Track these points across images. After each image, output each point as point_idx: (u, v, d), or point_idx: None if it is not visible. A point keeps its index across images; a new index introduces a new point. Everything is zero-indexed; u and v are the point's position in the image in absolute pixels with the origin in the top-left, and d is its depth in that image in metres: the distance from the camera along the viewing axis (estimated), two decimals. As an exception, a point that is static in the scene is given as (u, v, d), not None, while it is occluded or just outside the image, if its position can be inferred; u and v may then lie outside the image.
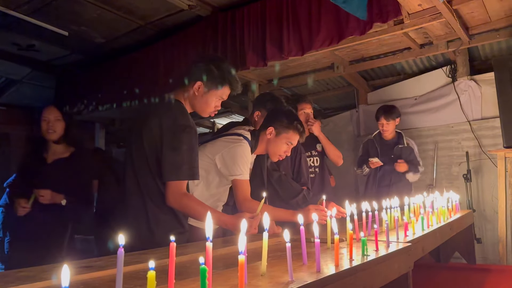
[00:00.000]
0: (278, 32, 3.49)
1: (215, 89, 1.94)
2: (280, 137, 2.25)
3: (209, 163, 2.14)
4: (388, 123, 3.85)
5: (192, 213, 1.83)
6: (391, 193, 3.73)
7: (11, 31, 4.24)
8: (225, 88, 1.97)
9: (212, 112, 2.00)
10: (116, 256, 1.34)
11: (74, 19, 4.07)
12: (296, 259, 1.22)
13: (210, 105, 1.97)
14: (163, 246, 1.60)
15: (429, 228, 2.11)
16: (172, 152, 1.78)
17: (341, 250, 1.41)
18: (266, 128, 2.26)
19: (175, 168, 1.77)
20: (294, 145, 2.32)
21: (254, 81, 5.06)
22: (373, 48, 4.16)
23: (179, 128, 1.80)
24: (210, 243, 0.84)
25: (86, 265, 1.24)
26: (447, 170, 4.34)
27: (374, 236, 1.49)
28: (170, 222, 1.84)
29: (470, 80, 4.23)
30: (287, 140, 2.25)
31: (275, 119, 2.28)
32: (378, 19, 3.07)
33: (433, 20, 3.15)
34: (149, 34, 4.40)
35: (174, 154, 1.78)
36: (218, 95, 1.96)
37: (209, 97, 1.94)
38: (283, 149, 2.28)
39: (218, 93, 1.96)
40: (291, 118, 2.28)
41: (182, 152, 1.77)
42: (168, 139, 1.79)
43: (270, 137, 2.25)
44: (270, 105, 2.75)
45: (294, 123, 2.26)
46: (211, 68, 1.93)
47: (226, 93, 2.00)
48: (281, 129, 2.25)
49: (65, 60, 5.22)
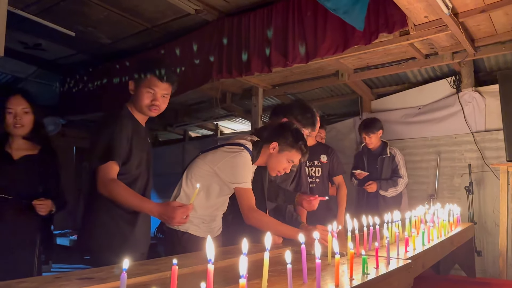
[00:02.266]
0: (284, 39, 3.50)
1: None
2: (282, 154, 2.22)
3: (210, 173, 2.13)
4: (369, 137, 3.90)
5: (120, 199, 1.84)
6: (380, 204, 3.76)
7: (18, 30, 4.28)
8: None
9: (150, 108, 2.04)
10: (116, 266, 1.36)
11: (81, 20, 4.10)
12: (296, 276, 1.22)
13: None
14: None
15: (430, 243, 2.11)
16: (92, 138, 1.94)
17: (341, 266, 1.42)
18: (270, 142, 2.24)
19: (95, 153, 1.86)
20: (295, 163, 2.30)
21: (259, 86, 5.08)
22: (378, 57, 4.17)
23: (103, 119, 1.99)
24: (211, 265, 0.85)
25: (88, 276, 1.25)
26: (449, 181, 4.33)
27: (374, 251, 1.49)
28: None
29: (475, 91, 4.22)
30: (289, 158, 2.23)
31: (280, 136, 2.24)
32: (384, 30, 3.08)
33: (439, 32, 3.16)
34: (155, 36, 4.43)
35: (92, 140, 1.92)
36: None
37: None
38: (283, 166, 2.25)
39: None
40: (297, 137, 2.24)
41: (100, 137, 1.89)
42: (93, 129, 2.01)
43: (273, 152, 2.22)
44: (298, 113, 2.81)
45: (299, 143, 2.22)
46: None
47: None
48: (284, 146, 2.22)
49: (71, 60, 5.25)
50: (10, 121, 2.23)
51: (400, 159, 3.91)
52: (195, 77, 4.10)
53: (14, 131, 2.24)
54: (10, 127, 2.24)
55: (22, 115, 2.25)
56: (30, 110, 2.27)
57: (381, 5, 3.03)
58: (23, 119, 2.25)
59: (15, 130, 2.24)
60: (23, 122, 2.25)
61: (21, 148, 2.29)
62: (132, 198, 1.85)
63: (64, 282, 1.17)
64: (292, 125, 2.31)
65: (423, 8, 2.81)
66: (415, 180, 4.51)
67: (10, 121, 2.23)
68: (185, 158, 6.70)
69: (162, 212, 1.79)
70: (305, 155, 2.28)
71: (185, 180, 2.16)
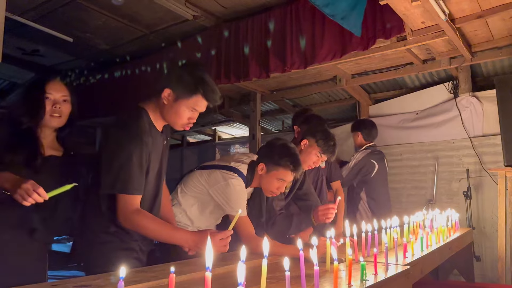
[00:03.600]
0: (282, 45, 3.51)
1: (186, 98, 1.71)
2: (271, 174, 2.17)
3: (205, 192, 2.12)
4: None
5: (146, 232, 1.67)
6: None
7: (16, 36, 4.28)
8: (198, 97, 1.73)
9: (185, 124, 1.78)
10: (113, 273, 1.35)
11: (79, 25, 4.10)
12: (295, 283, 1.21)
13: (181, 116, 1.74)
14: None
15: (428, 249, 2.11)
16: (107, 153, 1.67)
17: (340, 273, 1.41)
18: (258, 163, 2.20)
19: (112, 177, 1.63)
20: (288, 181, 2.24)
21: (256, 91, 5.09)
22: (376, 63, 4.18)
23: (120, 132, 1.68)
24: (209, 273, 0.84)
25: (85, 283, 1.24)
26: (447, 186, 4.33)
27: (373, 257, 1.49)
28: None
29: (472, 96, 4.24)
30: (278, 177, 2.17)
31: (265, 155, 2.20)
32: (381, 35, 3.09)
33: (436, 37, 3.17)
34: (153, 42, 4.43)
35: (108, 156, 1.66)
36: (189, 105, 1.73)
37: (179, 107, 1.72)
38: (275, 186, 2.19)
39: (190, 103, 1.72)
40: (282, 154, 2.17)
41: (118, 157, 1.63)
42: (107, 148, 1.68)
43: (262, 173, 2.18)
44: (304, 123, 2.87)
45: (284, 159, 2.15)
46: (181, 74, 1.73)
47: (200, 104, 1.75)
48: (270, 166, 2.17)
49: (69, 66, 5.24)
50: (48, 108, 1.82)
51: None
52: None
53: (50, 120, 1.83)
54: (46, 115, 1.82)
55: (61, 103, 1.86)
56: (69, 99, 1.90)
57: (378, 11, 3.04)
58: (62, 107, 1.86)
59: (51, 120, 1.84)
60: (62, 112, 1.86)
61: (49, 146, 1.88)
62: (161, 229, 1.68)
63: (61, 290, 1.16)
64: (277, 141, 2.24)
65: (420, 14, 2.83)
66: (413, 185, 4.51)
67: (48, 107, 1.82)
68: (184, 163, 6.69)
69: (198, 241, 1.64)
70: (296, 171, 2.19)
71: (180, 191, 2.17)
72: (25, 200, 1.49)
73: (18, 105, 1.82)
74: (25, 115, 1.77)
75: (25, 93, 1.86)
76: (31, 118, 1.78)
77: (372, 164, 3.79)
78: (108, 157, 1.66)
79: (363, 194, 3.78)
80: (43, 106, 1.80)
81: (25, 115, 1.77)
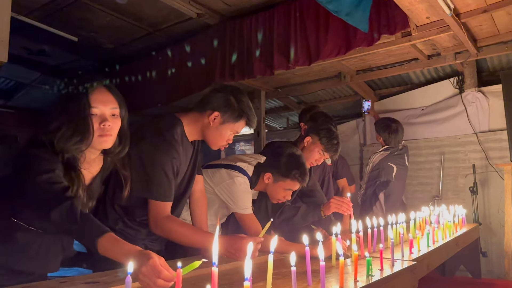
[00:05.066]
0: (286, 42, 3.51)
1: (232, 123, 1.82)
2: (278, 184, 2.18)
3: (210, 190, 2.13)
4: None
5: (177, 238, 1.68)
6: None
7: (22, 36, 4.30)
8: (242, 122, 1.85)
9: (223, 145, 1.88)
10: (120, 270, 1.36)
11: (84, 25, 4.12)
12: (301, 279, 1.22)
13: (223, 138, 1.85)
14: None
15: (435, 244, 2.11)
16: (144, 168, 1.66)
17: (345, 268, 1.42)
18: (265, 172, 2.20)
19: (144, 182, 1.66)
20: (295, 189, 2.25)
21: (261, 89, 5.09)
22: (381, 59, 4.17)
23: (153, 143, 1.69)
24: (215, 268, 0.85)
25: (92, 280, 1.25)
26: (453, 182, 4.31)
27: (379, 253, 1.49)
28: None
29: (478, 91, 4.21)
30: (285, 187, 2.18)
31: (273, 166, 2.19)
32: (386, 31, 3.08)
33: (441, 32, 3.15)
34: (158, 41, 4.44)
35: (144, 170, 1.66)
36: (233, 129, 1.85)
37: (223, 130, 1.82)
38: (281, 195, 2.21)
39: (234, 127, 1.84)
40: (290, 167, 2.16)
41: (151, 163, 1.66)
42: (140, 152, 1.67)
43: (268, 182, 2.19)
44: (311, 121, 2.87)
45: (292, 172, 2.15)
46: (230, 100, 1.81)
47: (241, 128, 1.88)
48: (278, 177, 2.17)
49: (75, 65, 5.27)
50: (95, 127, 1.38)
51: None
52: (198, 81, 4.11)
53: (98, 142, 1.40)
54: (92, 135, 1.37)
55: (111, 119, 1.42)
56: (119, 113, 1.46)
57: (383, 7, 3.03)
58: (113, 125, 1.43)
59: (101, 142, 1.41)
60: (112, 129, 1.43)
61: (92, 173, 1.53)
62: (192, 234, 1.70)
63: (69, 287, 1.18)
64: (285, 152, 2.22)
65: (425, 9, 2.81)
66: (419, 181, 4.50)
67: (95, 127, 1.38)
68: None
69: (229, 246, 1.65)
70: (304, 182, 2.20)
71: None
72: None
73: (54, 128, 1.34)
74: (67, 140, 1.33)
75: (63, 109, 1.37)
76: (74, 144, 1.35)
77: (390, 168, 3.69)
78: (141, 162, 1.67)
79: (382, 195, 3.67)
80: (90, 126, 1.36)
81: (67, 141, 1.34)
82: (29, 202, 1.31)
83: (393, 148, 3.73)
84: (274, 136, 6.55)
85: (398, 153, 3.77)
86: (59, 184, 1.26)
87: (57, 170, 1.30)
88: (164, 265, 1.02)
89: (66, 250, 1.56)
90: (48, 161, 1.30)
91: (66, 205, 1.18)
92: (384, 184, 3.64)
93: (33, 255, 1.42)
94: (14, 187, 1.38)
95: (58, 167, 1.31)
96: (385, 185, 3.64)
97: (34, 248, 1.42)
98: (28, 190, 1.28)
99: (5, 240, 1.38)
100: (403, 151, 3.83)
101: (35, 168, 1.27)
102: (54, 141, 1.33)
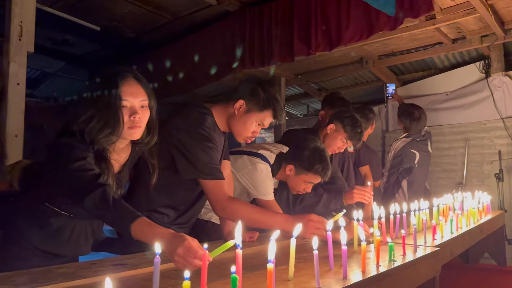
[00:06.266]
0: (306, 27, 3.47)
1: (257, 112, 1.79)
2: (299, 177, 2.19)
3: (233, 176, 2.14)
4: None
5: (244, 217, 1.53)
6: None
7: (46, 26, 4.39)
8: (267, 112, 1.81)
9: (249, 137, 1.85)
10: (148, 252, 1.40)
11: (106, 14, 4.17)
12: (322, 263, 1.23)
13: (248, 128, 1.81)
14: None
15: (458, 231, 2.09)
16: (191, 150, 1.68)
17: (367, 254, 1.42)
18: (287, 164, 2.21)
19: (210, 168, 1.67)
20: (316, 183, 2.25)
21: (281, 76, 5.06)
22: (404, 43, 4.09)
23: (194, 127, 1.71)
24: (240, 250, 0.87)
25: (120, 262, 1.30)
26: (478, 168, 4.23)
27: (401, 239, 1.49)
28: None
29: (505, 76, 4.09)
30: (306, 180, 2.20)
31: (296, 158, 2.20)
32: (409, 14, 3.00)
33: (466, 15, 3.08)
34: (178, 29, 4.46)
35: (193, 152, 1.68)
36: (258, 119, 1.81)
37: (248, 119, 1.80)
38: (302, 187, 2.22)
39: (260, 117, 1.81)
40: (313, 160, 2.16)
41: (201, 146, 1.69)
42: (182, 136, 1.69)
43: (290, 174, 2.21)
44: (329, 106, 2.86)
45: (315, 167, 2.16)
46: (257, 89, 1.80)
47: (267, 120, 1.83)
48: (300, 170, 2.18)
49: (98, 55, 5.36)
50: (125, 120, 1.40)
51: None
52: (218, 68, 4.12)
53: (128, 134, 1.43)
54: (122, 126, 1.39)
55: (140, 110, 1.44)
56: (148, 104, 1.47)
57: (406, -11, 2.96)
58: (142, 117, 1.44)
59: (130, 133, 1.43)
60: (142, 121, 1.45)
61: (120, 158, 1.55)
62: (258, 212, 1.71)
63: (99, 268, 1.23)
64: (309, 145, 2.21)
65: (450, -9, 2.74)
66: (443, 168, 4.43)
67: (125, 119, 1.40)
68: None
69: (295, 224, 1.61)
70: (326, 176, 2.21)
71: None
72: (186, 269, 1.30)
73: (85, 119, 1.37)
74: (98, 132, 1.36)
75: (94, 101, 1.39)
76: (105, 137, 1.38)
77: (413, 154, 3.62)
78: (186, 145, 1.68)
79: (405, 182, 3.63)
80: (121, 119, 1.38)
81: (97, 133, 1.37)
82: (63, 189, 1.36)
83: (415, 135, 3.67)
84: (294, 123, 6.53)
85: (421, 139, 3.71)
86: (91, 171, 1.30)
87: (88, 157, 1.34)
88: (199, 246, 1.05)
89: (96, 234, 1.62)
90: (79, 149, 1.34)
91: (98, 192, 1.22)
92: (406, 171, 3.60)
93: (66, 239, 1.48)
94: (47, 174, 1.44)
95: (89, 155, 1.35)
96: (408, 172, 3.59)
97: (67, 232, 1.48)
98: (61, 177, 1.33)
99: (40, 224, 1.44)
100: (426, 137, 3.77)
101: (68, 156, 1.31)
102: (85, 132, 1.37)
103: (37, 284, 1.03)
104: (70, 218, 1.47)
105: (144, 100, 1.45)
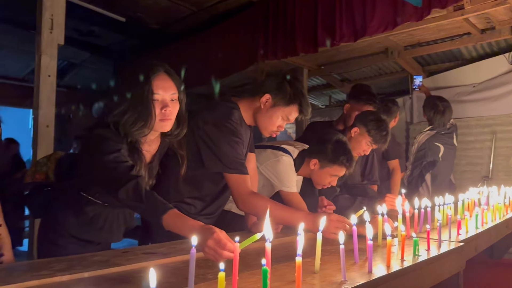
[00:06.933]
0: (330, 18, 3.43)
1: (283, 106, 1.80)
2: (324, 170, 2.18)
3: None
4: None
5: (264, 213, 1.60)
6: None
7: (73, 18, 4.48)
8: (293, 107, 1.82)
9: (274, 131, 1.86)
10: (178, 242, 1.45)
11: (131, 6, 4.23)
12: (348, 257, 1.25)
13: (274, 122, 1.83)
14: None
15: (484, 227, 2.07)
16: (217, 145, 1.72)
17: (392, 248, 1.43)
18: (311, 158, 2.20)
19: (224, 157, 1.70)
20: (341, 175, 2.23)
21: (303, 66, 5.04)
22: (430, 34, 3.99)
23: (220, 121, 1.74)
24: (269, 243, 0.90)
25: (151, 251, 1.35)
26: (504, 162, 4.14)
27: (426, 234, 1.49)
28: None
29: (536, 67, 3.97)
30: (332, 173, 2.18)
31: (320, 152, 2.18)
32: (437, 5, 2.94)
33: (496, 5, 2.99)
34: (201, 20, 4.48)
35: (219, 146, 1.72)
36: (284, 113, 1.82)
37: (274, 113, 1.81)
38: (327, 181, 2.21)
39: (286, 111, 1.82)
40: (338, 152, 2.15)
41: (225, 140, 1.72)
42: (207, 128, 1.73)
43: (314, 168, 2.20)
44: (352, 97, 2.85)
45: (340, 158, 2.15)
46: (283, 83, 1.81)
47: (293, 114, 1.84)
48: (325, 163, 2.17)
49: (123, 46, 5.45)
50: (158, 112, 1.44)
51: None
52: (241, 60, 4.13)
53: (159, 126, 1.47)
54: (154, 119, 1.44)
55: (171, 103, 1.48)
56: (177, 97, 1.51)
57: (434, -21, 2.90)
58: (173, 110, 1.49)
59: (161, 126, 1.48)
60: (172, 114, 1.49)
61: (151, 149, 1.60)
62: (279, 208, 1.73)
63: (131, 256, 1.28)
64: (331, 138, 2.20)
65: (480, -19, 2.67)
66: (468, 161, 4.35)
67: (158, 111, 1.44)
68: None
69: (317, 221, 1.56)
70: (350, 167, 2.20)
71: None
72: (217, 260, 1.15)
73: (119, 112, 1.41)
74: (132, 125, 1.41)
75: (127, 95, 1.43)
76: (138, 129, 1.42)
77: (437, 148, 3.55)
78: (213, 138, 1.73)
79: (428, 176, 3.57)
80: (153, 112, 1.43)
81: (131, 126, 1.41)
82: (97, 180, 1.42)
83: (439, 128, 3.60)
84: (316, 115, 6.50)
85: (446, 132, 3.63)
86: (124, 163, 1.35)
87: (122, 149, 1.39)
88: (227, 238, 1.08)
89: (128, 222, 1.69)
90: (114, 141, 1.39)
91: (132, 184, 1.27)
92: (430, 165, 3.54)
93: (100, 226, 1.56)
94: (82, 164, 1.51)
95: (123, 147, 1.40)
96: (432, 165, 3.54)
97: (100, 220, 1.56)
98: (96, 168, 1.39)
99: (76, 213, 1.52)
100: (451, 130, 3.69)
101: (102, 148, 1.36)
102: (119, 124, 1.41)
103: (75, 271, 1.08)
104: (103, 206, 1.54)
105: (174, 94, 1.49)
